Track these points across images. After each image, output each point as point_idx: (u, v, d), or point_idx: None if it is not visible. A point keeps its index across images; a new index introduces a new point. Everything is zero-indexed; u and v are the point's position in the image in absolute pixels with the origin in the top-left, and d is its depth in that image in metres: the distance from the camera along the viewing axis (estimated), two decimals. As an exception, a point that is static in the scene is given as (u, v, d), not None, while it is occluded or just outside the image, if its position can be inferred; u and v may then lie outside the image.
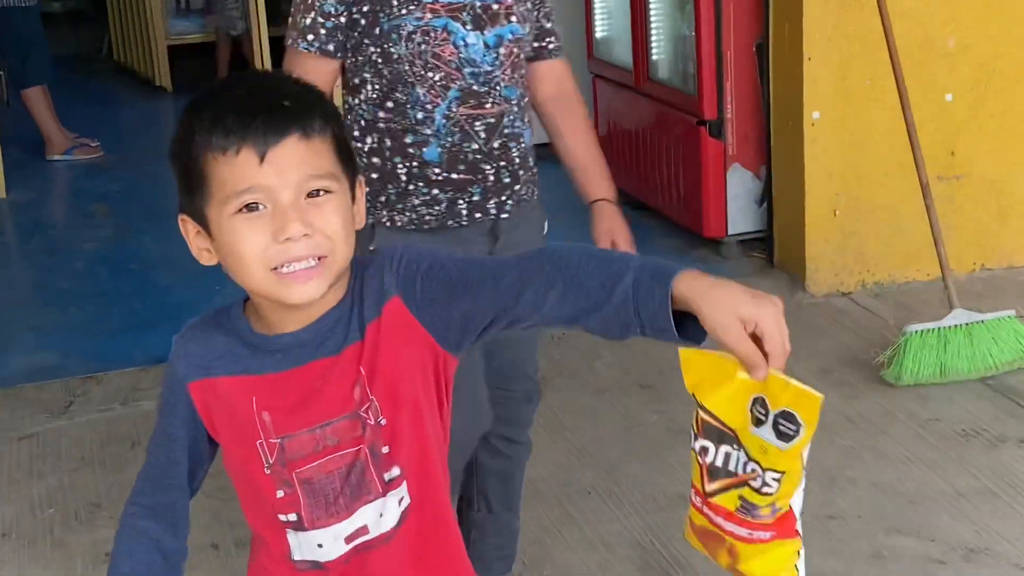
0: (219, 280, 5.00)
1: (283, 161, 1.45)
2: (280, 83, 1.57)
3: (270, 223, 1.44)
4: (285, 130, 1.46)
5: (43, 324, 4.62)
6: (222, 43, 8.34)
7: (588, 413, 3.74)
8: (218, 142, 1.45)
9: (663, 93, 5.00)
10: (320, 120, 1.49)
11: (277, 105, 1.49)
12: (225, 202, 1.46)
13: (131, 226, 5.71)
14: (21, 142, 6.82)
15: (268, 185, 1.44)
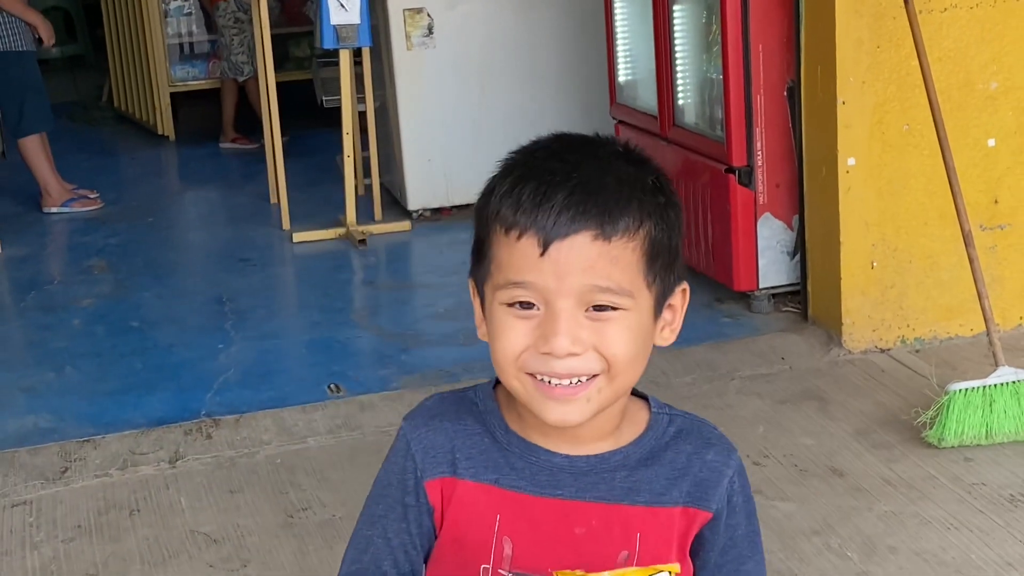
0: (222, 339, 5.08)
1: (567, 261, 1.31)
2: (609, 155, 1.38)
3: (538, 327, 1.32)
4: (579, 222, 1.30)
5: (37, 385, 4.64)
6: (228, 89, 8.43)
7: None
8: (506, 217, 1.33)
9: (689, 139, 5.02)
10: (633, 218, 1.32)
11: (585, 185, 1.32)
12: (499, 287, 1.35)
13: (131, 282, 5.75)
14: (17, 194, 6.89)
15: (544, 285, 1.31)
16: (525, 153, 1.41)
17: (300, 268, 6.05)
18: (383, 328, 5.14)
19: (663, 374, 4.37)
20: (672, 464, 1.44)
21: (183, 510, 3.69)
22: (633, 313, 1.35)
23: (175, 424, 4.17)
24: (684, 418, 1.48)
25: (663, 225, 1.37)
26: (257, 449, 4.03)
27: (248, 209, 6.93)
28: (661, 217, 1.37)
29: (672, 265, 1.40)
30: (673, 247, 1.39)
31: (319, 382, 4.49)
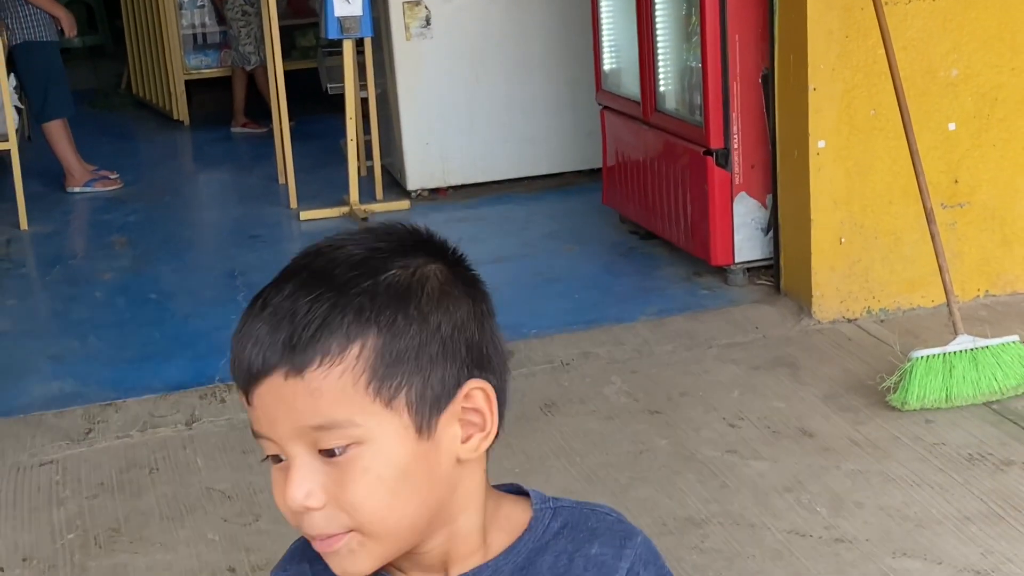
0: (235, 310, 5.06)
1: (267, 407, 1.03)
2: (335, 263, 1.07)
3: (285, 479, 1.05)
4: (266, 360, 1.03)
5: (62, 353, 4.63)
6: (238, 77, 8.40)
7: (597, 438, 3.74)
8: (231, 364, 1.08)
9: (670, 124, 5.01)
10: (332, 341, 1.02)
11: (275, 314, 1.04)
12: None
13: (149, 257, 5.73)
14: (42, 175, 6.86)
15: (266, 435, 1.05)
16: (273, 281, 1.11)
17: (306, 244, 5.98)
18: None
19: (645, 343, 4.37)
20: (553, 569, 1.13)
21: (199, 469, 3.68)
22: (376, 445, 1.03)
23: (191, 389, 4.16)
24: (572, 509, 1.17)
25: (398, 328, 1.04)
26: (267, 412, 4.02)
27: (258, 189, 6.91)
28: (393, 320, 1.04)
29: (435, 367, 1.06)
30: (433, 347, 1.06)
31: (325, 349, 4.48)
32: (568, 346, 4.35)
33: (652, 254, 5.26)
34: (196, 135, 8.52)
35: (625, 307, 4.70)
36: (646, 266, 5.16)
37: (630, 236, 5.45)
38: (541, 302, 4.85)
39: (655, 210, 5.14)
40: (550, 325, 4.55)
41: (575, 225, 5.74)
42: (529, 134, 6.33)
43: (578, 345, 4.35)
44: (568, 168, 6.40)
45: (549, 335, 4.45)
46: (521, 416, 3.88)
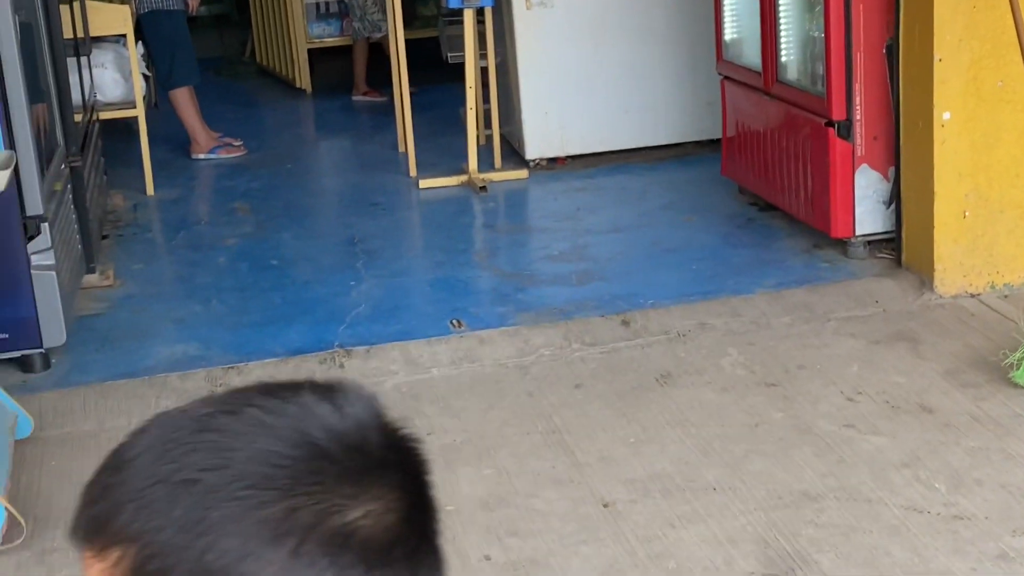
0: (354, 277, 5.16)
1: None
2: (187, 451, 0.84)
3: None
4: (87, 537, 0.86)
5: (187, 316, 4.75)
6: (359, 47, 8.47)
7: (713, 410, 3.73)
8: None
9: (792, 95, 4.95)
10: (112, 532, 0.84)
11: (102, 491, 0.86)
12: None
13: (271, 223, 5.83)
14: (168, 141, 7.01)
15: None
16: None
17: (425, 212, 6.09)
18: (501, 268, 5.16)
19: (763, 315, 4.34)
20: None
21: (318, 432, 3.75)
22: None
23: (311, 354, 4.24)
24: None
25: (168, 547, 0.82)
26: (385, 378, 4.08)
27: (378, 157, 6.98)
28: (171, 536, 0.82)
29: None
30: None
31: (442, 317, 4.53)
32: (685, 317, 4.34)
33: (771, 226, 5.21)
34: (318, 103, 8.63)
35: (743, 279, 4.67)
36: (765, 238, 5.11)
37: (749, 207, 5.40)
38: (658, 272, 4.84)
39: (775, 182, 5.09)
40: (667, 296, 4.54)
41: (693, 196, 5.71)
42: (648, 104, 6.30)
43: (695, 316, 4.34)
44: (687, 139, 6.36)
45: (666, 306, 4.44)
46: (637, 386, 3.89)
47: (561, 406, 3.82)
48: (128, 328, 4.59)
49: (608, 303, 4.54)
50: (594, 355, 4.15)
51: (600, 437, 3.61)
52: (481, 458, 3.55)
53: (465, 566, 3.05)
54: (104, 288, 4.96)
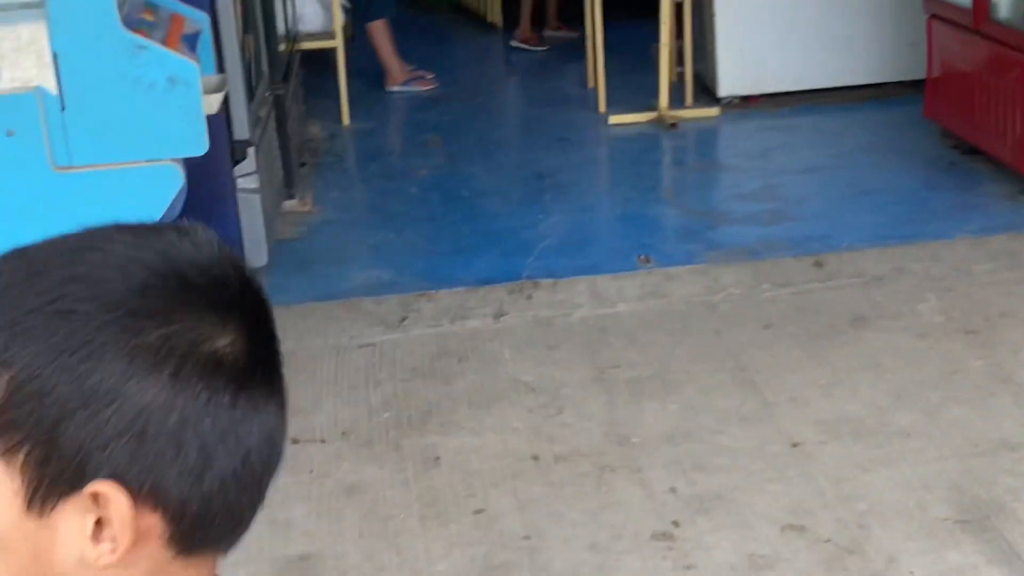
0: (542, 210, 5.18)
1: None
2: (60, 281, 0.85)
3: None
4: None
5: (380, 244, 4.84)
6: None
7: (909, 355, 3.65)
8: None
9: (1003, 33, 4.77)
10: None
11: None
12: None
13: (462, 156, 5.89)
14: (363, 74, 7.12)
15: None
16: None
17: (614, 148, 6.07)
18: (690, 206, 5.12)
19: (963, 261, 4.21)
20: None
21: (506, 361, 3.80)
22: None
23: (499, 284, 4.28)
24: None
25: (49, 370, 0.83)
26: (572, 311, 4.10)
27: (567, 93, 6.97)
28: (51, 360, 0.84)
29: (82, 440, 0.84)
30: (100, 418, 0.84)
31: (630, 253, 4.53)
32: (881, 260, 4.24)
33: (975, 170, 5.05)
34: (508, 38, 8.64)
35: (943, 223, 4.55)
36: (968, 182, 4.96)
37: (951, 151, 5.24)
38: (854, 214, 4.74)
39: (981, 124, 4.92)
40: (862, 238, 4.45)
41: (893, 137, 5.56)
42: (847, 42, 6.14)
43: (891, 260, 4.24)
44: (887, 79, 6.18)
45: (861, 248, 4.35)
46: (828, 329, 3.83)
47: (749, 345, 3.78)
48: (325, 253, 4.71)
49: (800, 244, 4.47)
50: (784, 296, 4.10)
51: (789, 378, 3.57)
52: (667, 393, 3.55)
53: (651, 498, 3.06)
54: (302, 214, 5.09)
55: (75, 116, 2.87)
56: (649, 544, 2.88)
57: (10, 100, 2.85)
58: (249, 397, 0.88)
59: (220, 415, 0.86)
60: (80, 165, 2.89)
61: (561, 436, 3.36)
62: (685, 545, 2.87)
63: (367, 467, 3.28)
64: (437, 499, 3.11)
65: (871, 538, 2.85)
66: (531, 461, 3.25)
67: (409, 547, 2.93)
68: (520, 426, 3.42)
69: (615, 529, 2.95)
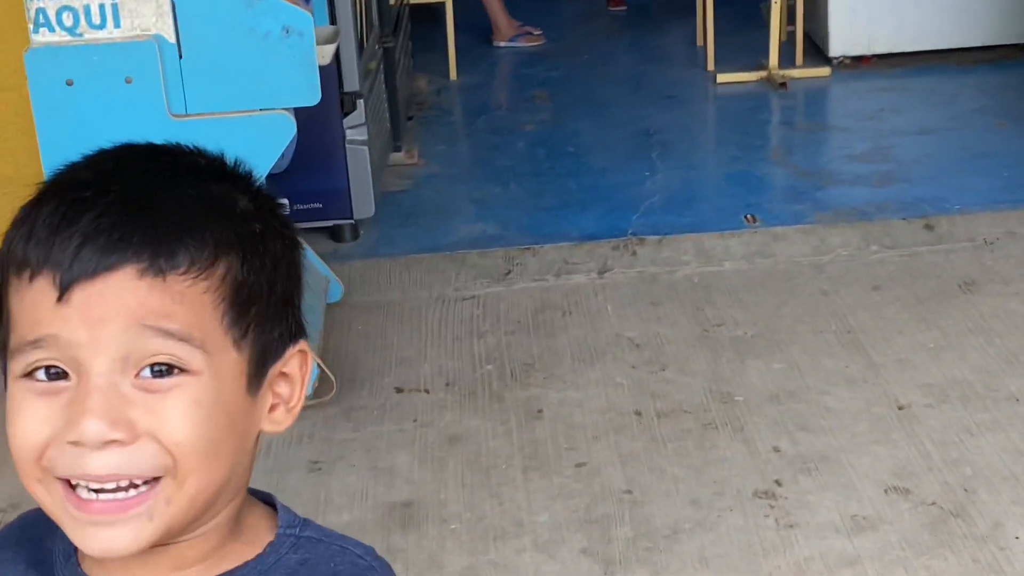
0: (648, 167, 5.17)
1: (101, 304, 0.84)
2: (178, 167, 0.93)
3: (67, 406, 0.85)
4: (115, 252, 0.85)
5: (486, 197, 4.85)
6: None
7: (1020, 320, 3.58)
8: (16, 252, 0.87)
9: None
10: (202, 247, 0.88)
11: (126, 203, 0.87)
12: (13, 354, 0.87)
13: (568, 112, 5.87)
14: (470, 28, 7.11)
15: (69, 339, 0.84)
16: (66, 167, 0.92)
17: (721, 107, 6.01)
18: (798, 166, 5.05)
19: (1079, 226, 4.12)
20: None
21: (609, 316, 3.80)
22: (209, 379, 0.87)
23: (604, 240, 4.27)
24: (319, 543, 0.96)
25: (256, 262, 0.90)
26: (677, 268, 4.08)
27: (674, 50, 6.91)
28: (253, 250, 0.90)
29: (277, 319, 0.92)
30: (278, 294, 0.92)
31: (736, 211, 4.49)
32: (993, 224, 4.15)
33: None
34: (616, -5, 8.58)
35: (1057, 188, 4.44)
36: None
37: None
38: (966, 177, 4.65)
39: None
40: (974, 201, 4.36)
41: (1008, 101, 5.43)
42: (962, 3, 5.99)
43: (1004, 224, 4.15)
44: (1005, 41, 6.03)
45: (973, 212, 4.27)
46: (938, 292, 3.77)
47: (857, 307, 3.74)
48: (430, 205, 4.73)
49: (910, 206, 4.39)
50: (893, 258, 4.03)
51: (897, 340, 3.52)
52: (772, 352, 3.52)
53: (753, 456, 3.04)
54: (409, 166, 5.12)
55: (192, 64, 2.91)
56: (751, 502, 2.87)
57: (129, 48, 2.89)
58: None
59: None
60: (195, 113, 2.93)
61: (664, 392, 3.35)
62: (787, 504, 2.85)
63: (470, 418, 3.31)
64: (539, 451, 3.13)
65: (976, 502, 2.81)
66: (633, 416, 3.25)
67: (511, 498, 2.95)
68: (623, 381, 3.42)
69: (717, 486, 2.94)
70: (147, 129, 2.90)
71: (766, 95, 5.90)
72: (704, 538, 2.77)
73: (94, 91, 2.90)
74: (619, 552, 2.74)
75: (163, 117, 2.91)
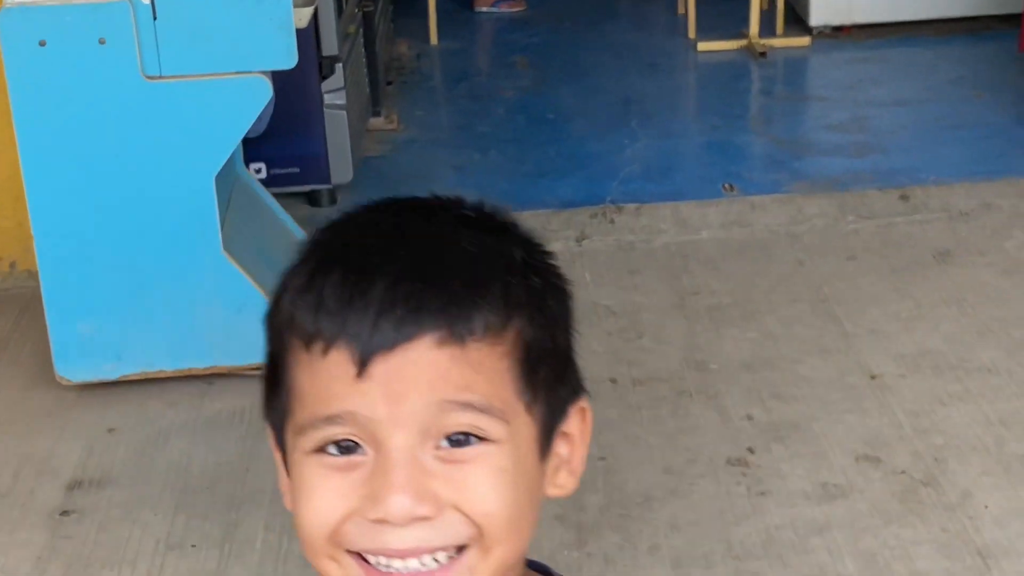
0: (628, 135, 5.14)
1: (402, 377, 0.82)
2: (453, 221, 0.90)
3: (366, 481, 0.82)
4: (414, 321, 0.82)
5: (465, 163, 4.83)
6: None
7: (993, 292, 3.58)
8: (303, 324, 0.83)
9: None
10: (496, 308, 0.84)
11: (418, 269, 0.84)
12: (302, 429, 0.85)
13: (549, 79, 5.84)
14: (450, -6, 7.07)
15: (368, 416, 0.82)
16: (333, 230, 0.89)
17: (702, 75, 5.99)
18: (777, 135, 5.04)
19: (1053, 198, 4.12)
20: None
21: (587, 284, 3.79)
22: (508, 448, 0.84)
23: (582, 207, 4.26)
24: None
25: (542, 319, 0.88)
26: (654, 236, 4.07)
27: (656, 19, 6.88)
28: (538, 308, 0.87)
29: (562, 377, 0.90)
30: (561, 351, 0.90)
31: (714, 180, 4.48)
32: (968, 195, 4.16)
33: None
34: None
35: (1033, 160, 4.44)
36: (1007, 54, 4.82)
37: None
38: (942, 148, 4.64)
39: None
40: (950, 173, 4.36)
41: (986, 72, 5.42)
42: (944, -26, 5.98)
43: (979, 195, 4.15)
44: (983, 11, 6.01)
45: (948, 183, 4.27)
46: (912, 263, 3.77)
47: (832, 276, 3.74)
48: (410, 171, 4.71)
49: (887, 176, 4.39)
50: (869, 228, 4.03)
51: (871, 310, 3.53)
52: (747, 321, 3.52)
53: (727, 424, 3.05)
54: (388, 131, 5.09)
55: (167, 26, 2.87)
56: (724, 469, 2.88)
57: (103, 8, 2.86)
58: None
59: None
60: (170, 75, 2.90)
61: (640, 360, 3.35)
62: (759, 472, 2.86)
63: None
64: (513, 417, 3.12)
65: (946, 472, 2.82)
66: (609, 384, 3.25)
67: (484, 463, 2.94)
68: (599, 349, 3.41)
69: (690, 453, 2.94)
70: (121, 91, 2.88)
71: (746, 64, 5.88)
72: (676, 505, 2.77)
73: (67, 52, 2.87)
74: (592, 519, 2.74)
75: (137, 79, 2.88)
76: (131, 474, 2.96)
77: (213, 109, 2.91)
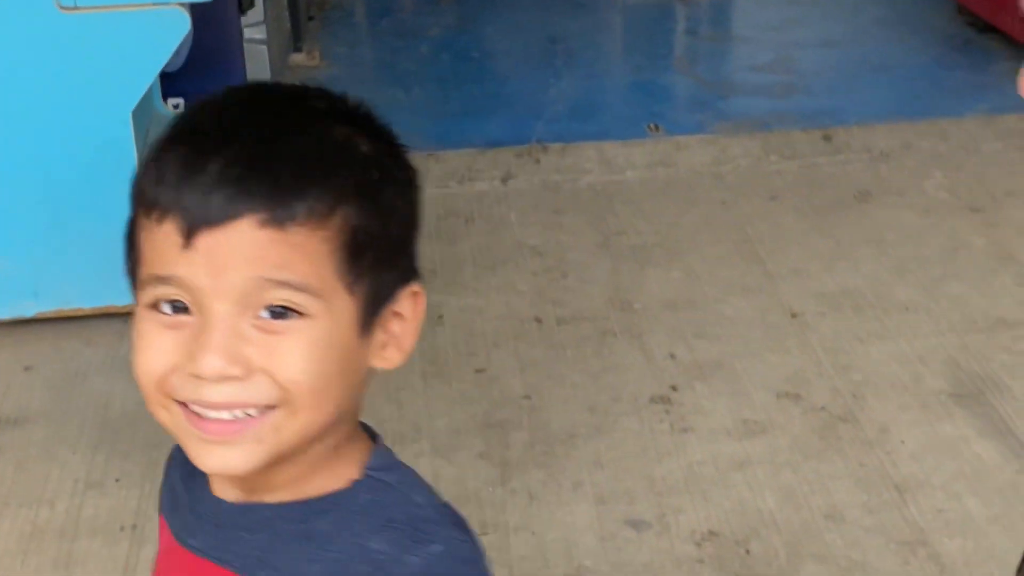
0: (553, 75, 5.10)
1: (224, 252, 0.89)
2: (306, 112, 0.97)
3: (188, 340, 0.91)
4: (239, 202, 0.89)
5: (388, 101, 4.78)
6: None
7: (912, 231, 3.64)
8: (146, 193, 0.93)
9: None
10: (321, 197, 0.91)
11: (252, 152, 0.91)
12: (142, 285, 0.94)
13: (474, 16, 5.80)
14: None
15: (192, 283, 0.90)
16: (196, 108, 0.97)
17: (628, 16, 5.97)
18: (702, 76, 5.06)
19: (972, 139, 4.17)
20: (323, 545, 0.96)
21: (512, 224, 3.79)
22: (323, 322, 0.91)
23: (508, 147, 4.25)
24: (389, 490, 0.99)
25: (374, 208, 0.94)
26: (580, 176, 4.08)
27: (582, -43, 6.85)
28: (372, 198, 0.94)
29: (391, 262, 0.96)
30: (393, 238, 0.96)
31: (639, 120, 4.49)
32: (890, 136, 4.20)
33: (989, 48, 4.98)
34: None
35: (954, 101, 4.49)
36: (982, 60, 4.89)
37: (967, 28, 5.16)
38: (865, 90, 4.69)
39: (998, 0, 4.83)
40: (872, 113, 4.41)
41: (908, 13, 5.47)
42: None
43: (900, 136, 4.20)
44: (907, -47, 6.06)
45: (870, 124, 4.31)
46: (834, 202, 3.81)
47: (755, 216, 3.77)
48: (333, 109, 4.65)
49: (810, 117, 4.42)
50: (792, 168, 4.07)
51: (792, 250, 3.56)
52: (671, 261, 3.54)
53: (650, 362, 3.07)
54: (310, 68, 5.03)
55: (82, -44, 2.81)
56: (647, 407, 2.90)
57: (17, -62, 2.79)
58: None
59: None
60: (86, 6, 2.83)
61: (564, 300, 3.36)
62: (682, 409, 2.89)
63: (369, 322, 3.28)
64: (439, 357, 3.12)
65: (864, 408, 2.87)
66: (534, 323, 3.26)
67: (410, 402, 2.94)
68: (524, 288, 3.42)
69: (614, 391, 2.97)
70: (36, 23, 2.81)
71: (671, 5, 5.88)
72: (600, 443, 2.80)
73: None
74: (516, 456, 2.76)
75: (52, 11, 2.82)
76: (49, 412, 2.93)
77: (130, 41, 2.85)
